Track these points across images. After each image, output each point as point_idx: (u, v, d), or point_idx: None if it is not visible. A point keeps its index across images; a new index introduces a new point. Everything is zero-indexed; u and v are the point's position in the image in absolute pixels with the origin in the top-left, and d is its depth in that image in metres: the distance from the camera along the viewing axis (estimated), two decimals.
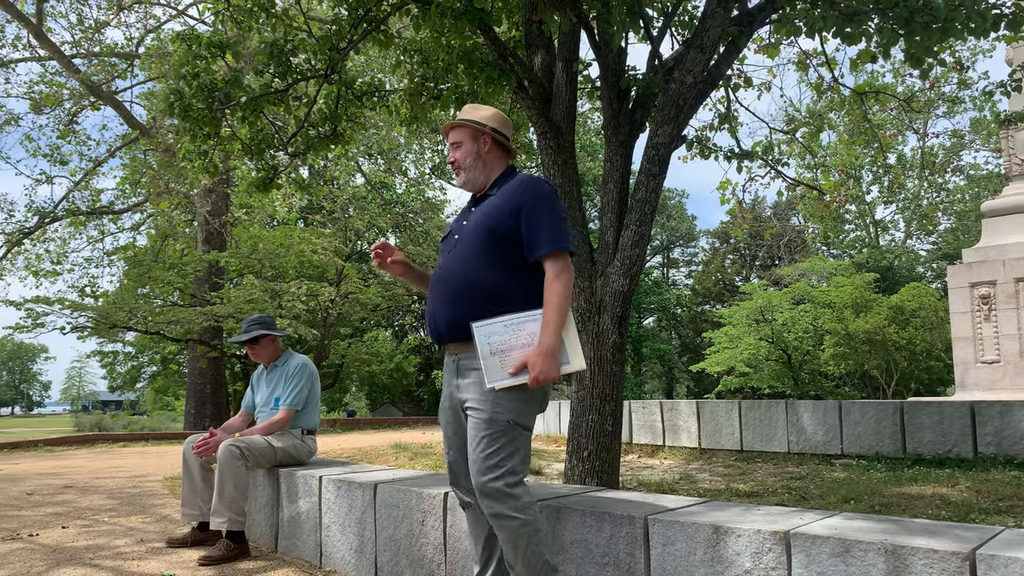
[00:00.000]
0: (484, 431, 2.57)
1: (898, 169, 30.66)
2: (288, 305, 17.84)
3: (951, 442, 7.59)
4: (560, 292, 2.58)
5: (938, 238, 36.21)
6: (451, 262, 2.79)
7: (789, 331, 21.32)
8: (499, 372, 2.57)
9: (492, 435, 2.56)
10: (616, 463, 5.29)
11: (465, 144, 2.87)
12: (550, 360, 2.51)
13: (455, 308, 2.71)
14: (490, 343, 2.59)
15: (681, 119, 5.24)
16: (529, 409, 2.65)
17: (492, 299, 2.65)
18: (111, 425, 30.25)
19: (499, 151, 2.90)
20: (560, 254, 2.65)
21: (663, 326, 42.02)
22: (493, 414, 2.57)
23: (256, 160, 6.58)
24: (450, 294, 2.74)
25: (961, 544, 2.08)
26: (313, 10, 13.01)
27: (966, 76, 9.28)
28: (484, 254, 2.70)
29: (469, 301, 2.68)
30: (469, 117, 2.89)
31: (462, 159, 2.88)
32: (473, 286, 2.69)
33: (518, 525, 2.52)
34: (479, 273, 2.69)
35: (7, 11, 15.77)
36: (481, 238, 2.72)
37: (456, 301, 2.71)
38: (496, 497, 2.53)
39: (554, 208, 2.71)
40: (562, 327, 2.56)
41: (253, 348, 4.81)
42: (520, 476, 2.59)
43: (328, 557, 4.05)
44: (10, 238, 18.73)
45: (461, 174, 2.89)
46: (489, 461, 2.55)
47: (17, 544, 4.69)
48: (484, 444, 2.56)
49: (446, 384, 2.84)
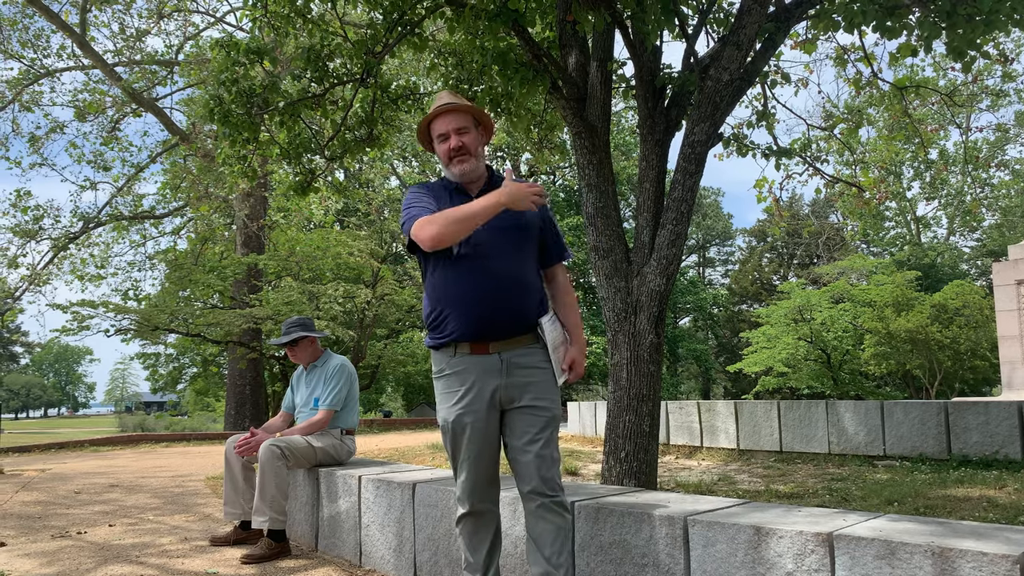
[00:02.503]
0: (551, 427, 2.66)
1: (940, 164, 30.01)
2: (325, 307, 18.04)
3: (998, 443, 7.41)
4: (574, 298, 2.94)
5: (982, 234, 35.42)
6: (500, 258, 2.66)
7: (828, 330, 20.99)
8: (558, 368, 2.76)
9: (555, 431, 2.67)
10: (654, 464, 5.25)
11: (472, 131, 2.75)
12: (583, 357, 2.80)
13: (515, 305, 2.69)
14: (552, 339, 2.73)
15: (717, 117, 5.19)
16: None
17: (533, 298, 2.75)
18: (154, 425, 30.92)
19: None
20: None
21: (699, 326, 41.69)
22: (556, 411, 2.69)
23: (294, 164, 6.67)
24: (509, 290, 2.68)
25: (1011, 547, 2.04)
26: (348, 15, 13.13)
27: (1011, 68, 9.07)
28: (525, 252, 2.76)
29: (527, 299, 2.72)
30: (463, 103, 2.77)
31: (473, 145, 2.73)
32: (528, 284, 2.74)
33: (567, 521, 2.64)
34: (524, 270, 2.74)
35: (52, 22, 16.19)
36: (525, 238, 2.75)
37: (514, 298, 2.69)
38: (560, 490, 2.62)
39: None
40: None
41: (292, 350, 4.87)
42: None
43: (368, 556, 4.09)
44: (56, 243, 19.19)
45: (471, 161, 2.72)
46: (556, 455, 2.65)
47: (67, 542, 4.81)
48: (549, 440, 2.64)
49: (479, 387, 2.65)
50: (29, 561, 4.24)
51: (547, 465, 2.59)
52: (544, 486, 2.57)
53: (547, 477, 2.57)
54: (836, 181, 9.13)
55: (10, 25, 17.10)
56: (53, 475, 8.91)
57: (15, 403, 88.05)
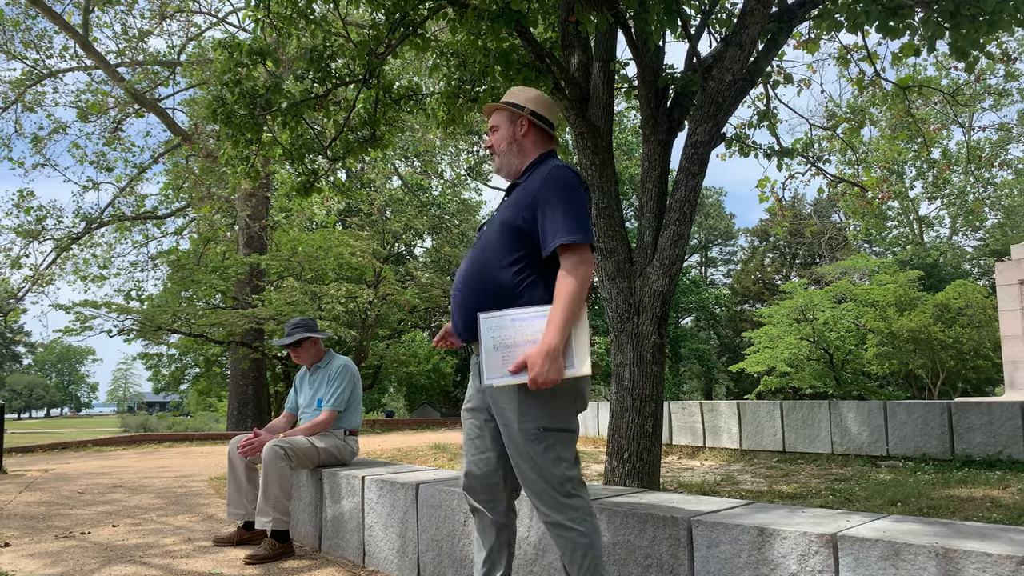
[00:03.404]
0: (513, 444, 2.44)
1: (943, 164, 29.98)
2: (328, 307, 18.05)
3: (1002, 443, 7.41)
4: (570, 289, 2.35)
5: (985, 234, 35.35)
6: (470, 256, 2.65)
7: (831, 330, 20.96)
8: (499, 369, 2.38)
9: (526, 446, 2.42)
10: (657, 464, 5.26)
11: (502, 128, 2.72)
12: (550, 360, 2.28)
13: (467, 305, 2.56)
14: (494, 337, 2.41)
15: (720, 117, 5.19)
16: (561, 410, 2.44)
17: (504, 297, 2.47)
18: (156, 426, 30.98)
19: (537, 135, 2.71)
20: (577, 247, 2.40)
21: (702, 326, 41.65)
22: (521, 423, 2.41)
23: (296, 165, 6.68)
24: (465, 292, 2.59)
25: (1015, 548, 2.03)
26: (351, 15, 13.15)
27: (1013, 68, 9.05)
28: (499, 249, 2.52)
29: (480, 298, 2.52)
30: (509, 99, 2.75)
31: (497, 144, 2.73)
32: (485, 282, 2.53)
33: (576, 536, 2.39)
34: (490, 269, 2.52)
35: (55, 23, 16.21)
36: (498, 231, 2.55)
37: (467, 298, 2.57)
38: (553, 507, 2.40)
39: (572, 197, 2.47)
40: (569, 326, 2.33)
41: (296, 350, 4.87)
42: (572, 483, 2.43)
43: (371, 557, 4.09)
44: (59, 243, 19.22)
45: (496, 159, 2.74)
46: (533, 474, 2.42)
47: (70, 542, 4.82)
48: (520, 458, 2.44)
49: (472, 386, 2.69)
50: (33, 561, 4.25)
51: (527, 486, 2.45)
52: (533, 500, 2.45)
53: (531, 496, 2.45)
54: (839, 181, 9.13)
55: (13, 26, 17.13)
56: (56, 475, 8.92)
57: (18, 403, 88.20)
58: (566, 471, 2.42)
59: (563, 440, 2.45)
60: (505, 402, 2.45)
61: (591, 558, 2.40)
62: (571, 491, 2.42)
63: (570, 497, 2.41)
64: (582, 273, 2.38)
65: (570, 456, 2.47)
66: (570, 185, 2.49)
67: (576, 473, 2.46)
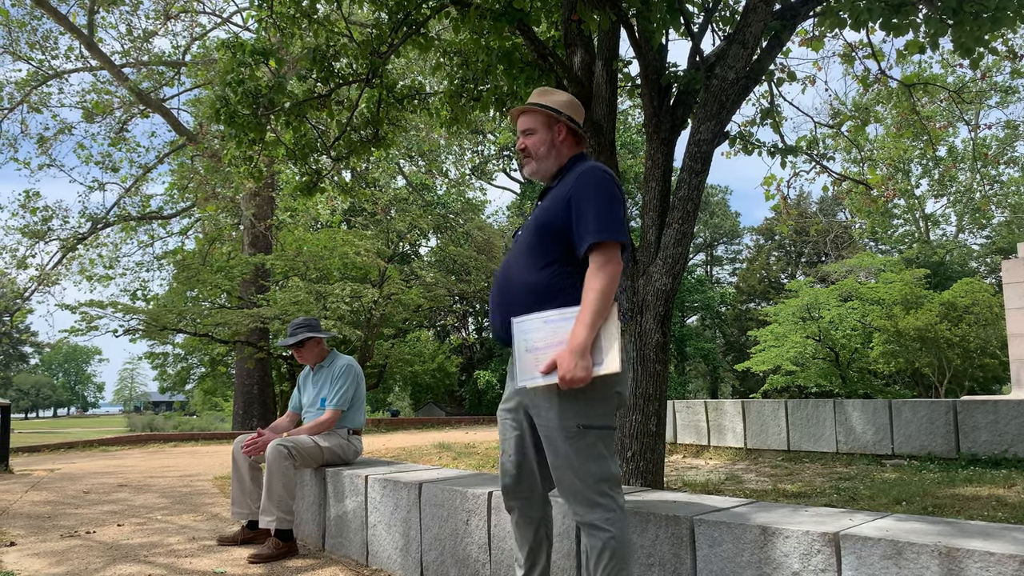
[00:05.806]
0: (552, 445, 2.47)
1: (949, 162, 29.88)
2: (332, 306, 18.07)
3: (1007, 442, 7.38)
4: (599, 286, 2.36)
5: (992, 232, 35.22)
6: (507, 260, 2.67)
7: (836, 329, 20.92)
8: (532, 371, 2.42)
9: (564, 446, 2.44)
10: (660, 463, 5.25)
11: (539, 132, 2.69)
12: (578, 358, 2.30)
13: (504, 308, 2.60)
14: (527, 340, 2.45)
15: (723, 115, 5.17)
16: (599, 407, 2.45)
17: (539, 299, 2.49)
18: (162, 425, 31.05)
19: (571, 139, 2.72)
20: (605, 245, 2.42)
21: (707, 325, 41.58)
22: (560, 424, 2.43)
23: (300, 164, 6.68)
24: (502, 294, 2.64)
25: (1018, 547, 2.03)
26: (354, 15, 13.16)
27: (1020, 65, 9.00)
28: (535, 250, 2.55)
29: (516, 301, 2.55)
30: (542, 102, 2.71)
31: (535, 147, 2.69)
32: (522, 284, 2.55)
33: (607, 538, 2.40)
34: (526, 271, 2.55)
35: (60, 23, 16.27)
36: (534, 233, 2.57)
37: (504, 301, 2.61)
38: (587, 506, 2.43)
39: (605, 195, 2.48)
40: (597, 324, 2.35)
41: (299, 350, 4.88)
42: (609, 482, 2.45)
43: (374, 556, 4.10)
44: (65, 244, 19.29)
45: (532, 163, 2.71)
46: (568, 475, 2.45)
47: (76, 541, 4.83)
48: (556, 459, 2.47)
49: (510, 387, 2.71)
50: (39, 561, 4.27)
51: (562, 486, 2.47)
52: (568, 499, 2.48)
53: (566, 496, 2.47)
54: (844, 179, 9.10)
55: (18, 27, 17.20)
56: (62, 475, 8.95)
57: (25, 403, 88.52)
58: (606, 468, 2.46)
59: (604, 437, 2.48)
60: (543, 402, 2.47)
61: (616, 561, 2.40)
62: (606, 491, 2.44)
63: (604, 496, 2.43)
64: (609, 271, 2.39)
65: (610, 453, 2.50)
66: (602, 183, 2.51)
67: (616, 471, 2.49)
